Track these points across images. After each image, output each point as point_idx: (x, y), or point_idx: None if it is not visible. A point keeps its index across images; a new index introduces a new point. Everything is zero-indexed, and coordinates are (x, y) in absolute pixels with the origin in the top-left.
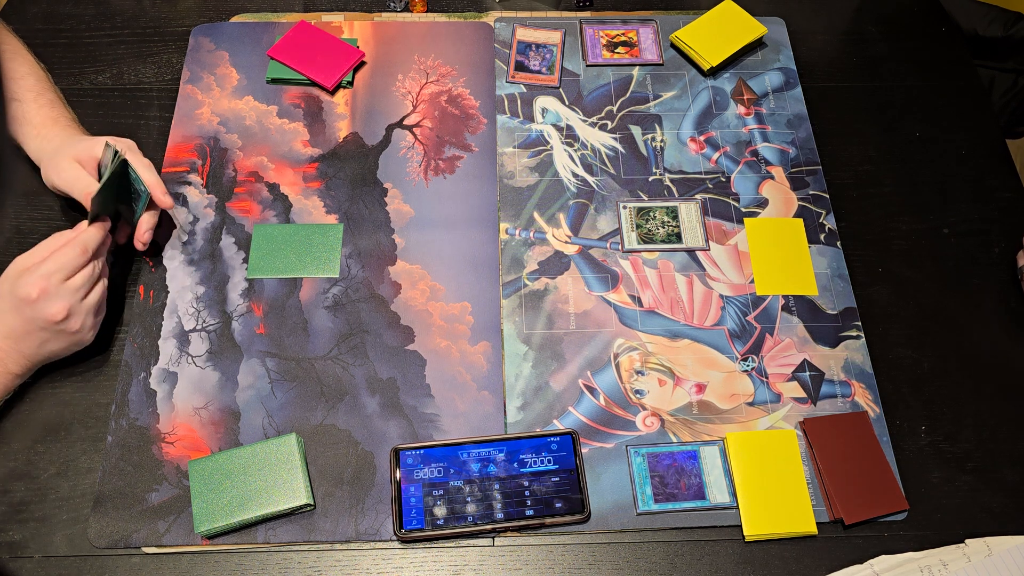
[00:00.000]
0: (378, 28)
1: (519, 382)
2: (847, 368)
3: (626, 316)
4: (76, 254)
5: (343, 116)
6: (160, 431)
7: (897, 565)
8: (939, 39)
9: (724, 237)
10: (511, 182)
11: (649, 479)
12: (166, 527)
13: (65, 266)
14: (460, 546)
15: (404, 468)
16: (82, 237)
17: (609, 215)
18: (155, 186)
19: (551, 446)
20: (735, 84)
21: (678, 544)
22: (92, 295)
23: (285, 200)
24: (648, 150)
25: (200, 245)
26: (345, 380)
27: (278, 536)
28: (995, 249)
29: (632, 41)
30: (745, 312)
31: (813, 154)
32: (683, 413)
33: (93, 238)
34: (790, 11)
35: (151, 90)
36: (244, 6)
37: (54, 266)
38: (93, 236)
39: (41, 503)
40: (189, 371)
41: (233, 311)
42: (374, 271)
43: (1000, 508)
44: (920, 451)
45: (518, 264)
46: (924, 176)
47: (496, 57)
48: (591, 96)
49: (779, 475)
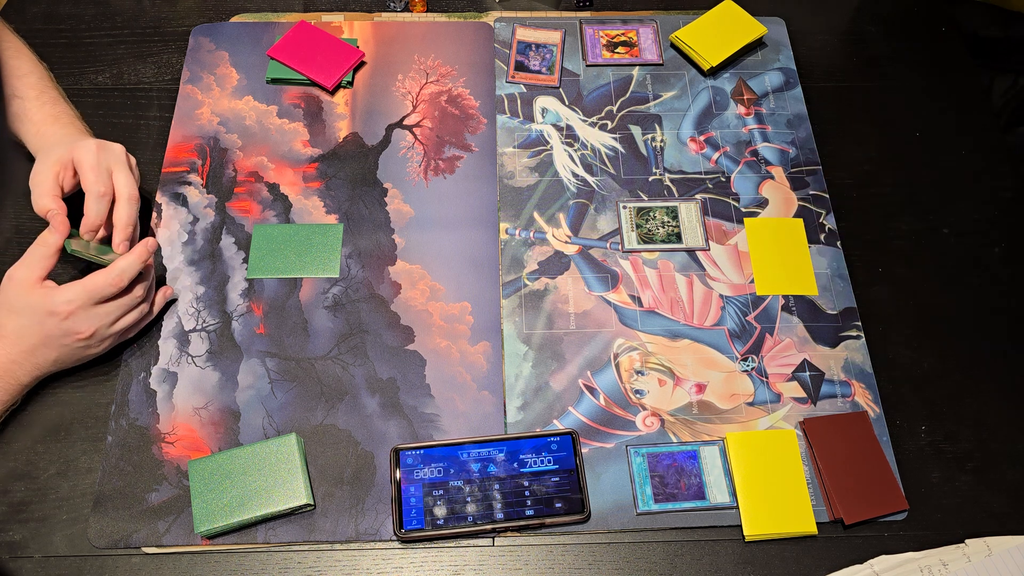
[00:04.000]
0: (378, 28)
1: (519, 382)
2: (847, 368)
3: (626, 316)
4: (108, 282)
5: (343, 116)
6: (160, 431)
7: (897, 565)
8: (939, 39)
9: (724, 237)
10: (511, 182)
11: (649, 479)
12: (166, 527)
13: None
14: (460, 546)
15: (404, 468)
16: (120, 264)
17: (609, 215)
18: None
19: (551, 446)
20: (735, 84)
21: (678, 544)
22: (122, 321)
23: (285, 200)
24: (648, 150)
25: (200, 245)
26: (345, 380)
27: (278, 536)
28: (995, 249)
29: (632, 41)
30: (745, 312)
31: (813, 154)
32: (683, 413)
33: (131, 267)
34: (790, 11)
35: (151, 90)
36: (244, 6)
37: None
38: (132, 265)
39: (41, 503)
40: (189, 371)
41: (233, 311)
42: (374, 271)
43: (1000, 508)
44: (920, 451)
45: (518, 264)
46: (924, 176)
47: (496, 57)
48: (591, 96)
49: (779, 475)
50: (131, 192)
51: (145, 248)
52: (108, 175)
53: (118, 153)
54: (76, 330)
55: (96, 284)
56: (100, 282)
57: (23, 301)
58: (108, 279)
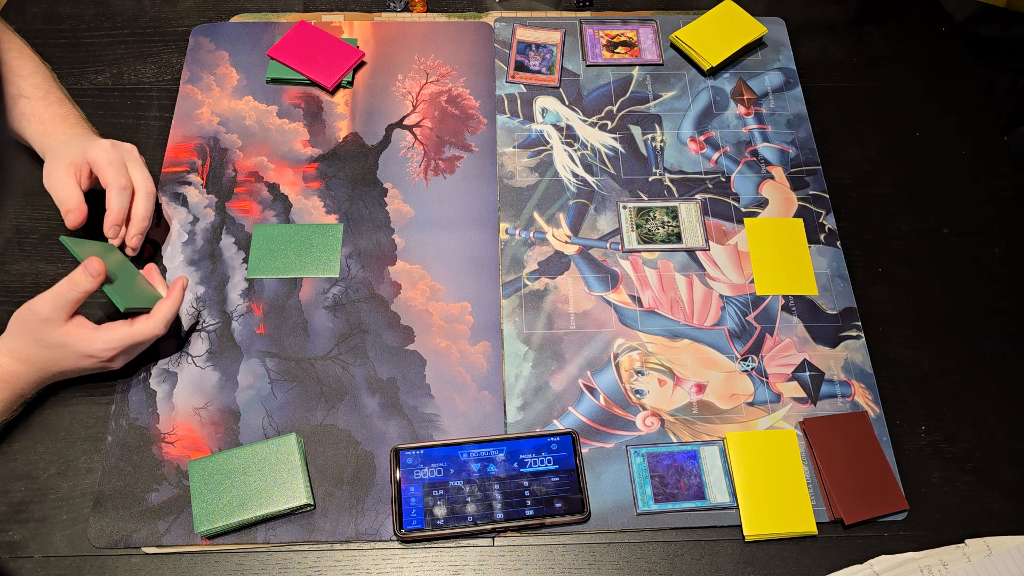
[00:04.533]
0: (378, 28)
1: (519, 382)
2: (847, 368)
3: (626, 316)
4: (154, 332)
5: (343, 116)
6: (160, 431)
7: (897, 565)
8: (939, 39)
9: (724, 237)
10: (511, 182)
11: (649, 479)
12: (166, 527)
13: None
14: (460, 546)
15: (404, 468)
16: (163, 313)
17: (609, 215)
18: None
19: (551, 446)
20: (735, 84)
21: (678, 544)
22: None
23: (285, 200)
24: (648, 150)
25: (200, 245)
26: (345, 380)
27: (278, 536)
28: (995, 249)
29: (632, 41)
30: (745, 312)
31: (813, 154)
32: (683, 413)
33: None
34: (790, 11)
35: (151, 90)
36: (244, 6)
37: (131, 337)
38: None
39: (41, 503)
40: (189, 371)
41: (233, 311)
42: (374, 271)
43: (1000, 508)
44: (920, 451)
45: (518, 264)
46: (924, 176)
47: (496, 57)
48: (591, 96)
49: (779, 475)
50: (148, 187)
51: (180, 288)
52: (126, 170)
53: (131, 150)
54: (110, 366)
55: (141, 333)
56: (145, 331)
57: (55, 339)
58: (154, 329)
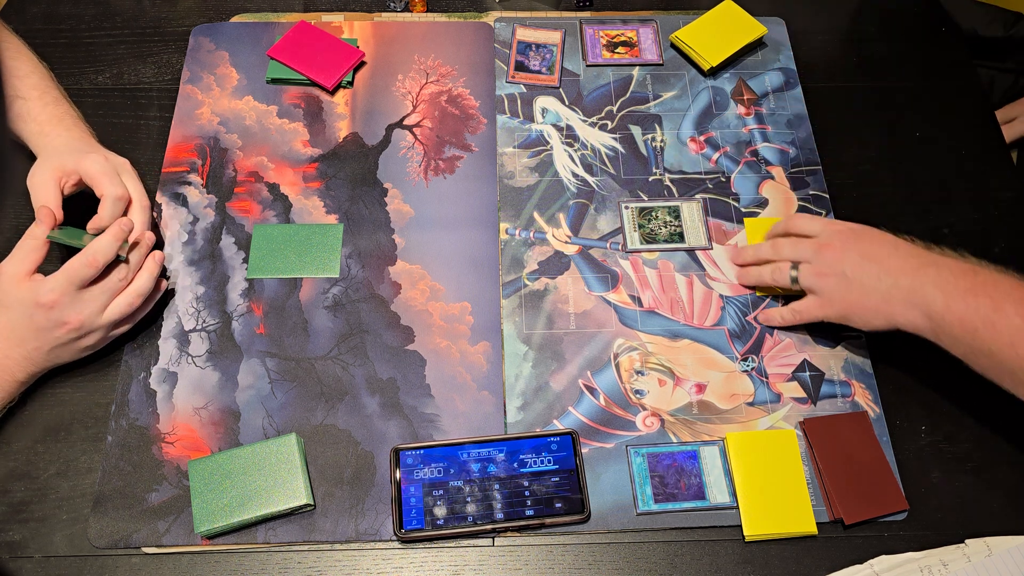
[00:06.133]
0: (378, 28)
1: (519, 382)
2: (847, 368)
3: (626, 316)
4: (84, 262)
5: (343, 116)
6: (160, 431)
7: (897, 565)
8: (939, 39)
9: (724, 237)
10: (511, 182)
11: (649, 479)
12: (166, 527)
13: (74, 276)
14: (460, 546)
15: (404, 468)
16: (94, 245)
17: (609, 215)
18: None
19: (551, 446)
20: (735, 84)
21: (678, 544)
22: (111, 310)
23: (285, 200)
24: (648, 150)
25: (200, 245)
26: (345, 380)
27: (278, 536)
28: (995, 249)
29: (632, 41)
30: (745, 312)
31: (813, 154)
32: (683, 413)
33: (106, 247)
34: (790, 11)
35: (151, 90)
36: (244, 6)
37: (66, 275)
38: (106, 245)
39: (41, 503)
40: (189, 371)
41: (233, 311)
42: (374, 271)
43: (1000, 508)
44: (920, 451)
45: (518, 264)
46: (924, 176)
47: (496, 57)
48: (591, 96)
49: (779, 475)
50: (144, 200)
51: (119, 228)
52: (121, 181)
53: (124, 163)
54: (63, 320)
55: (73, 268)
56: (76, 264)
57: (12, 296)
58: (83, 260)
